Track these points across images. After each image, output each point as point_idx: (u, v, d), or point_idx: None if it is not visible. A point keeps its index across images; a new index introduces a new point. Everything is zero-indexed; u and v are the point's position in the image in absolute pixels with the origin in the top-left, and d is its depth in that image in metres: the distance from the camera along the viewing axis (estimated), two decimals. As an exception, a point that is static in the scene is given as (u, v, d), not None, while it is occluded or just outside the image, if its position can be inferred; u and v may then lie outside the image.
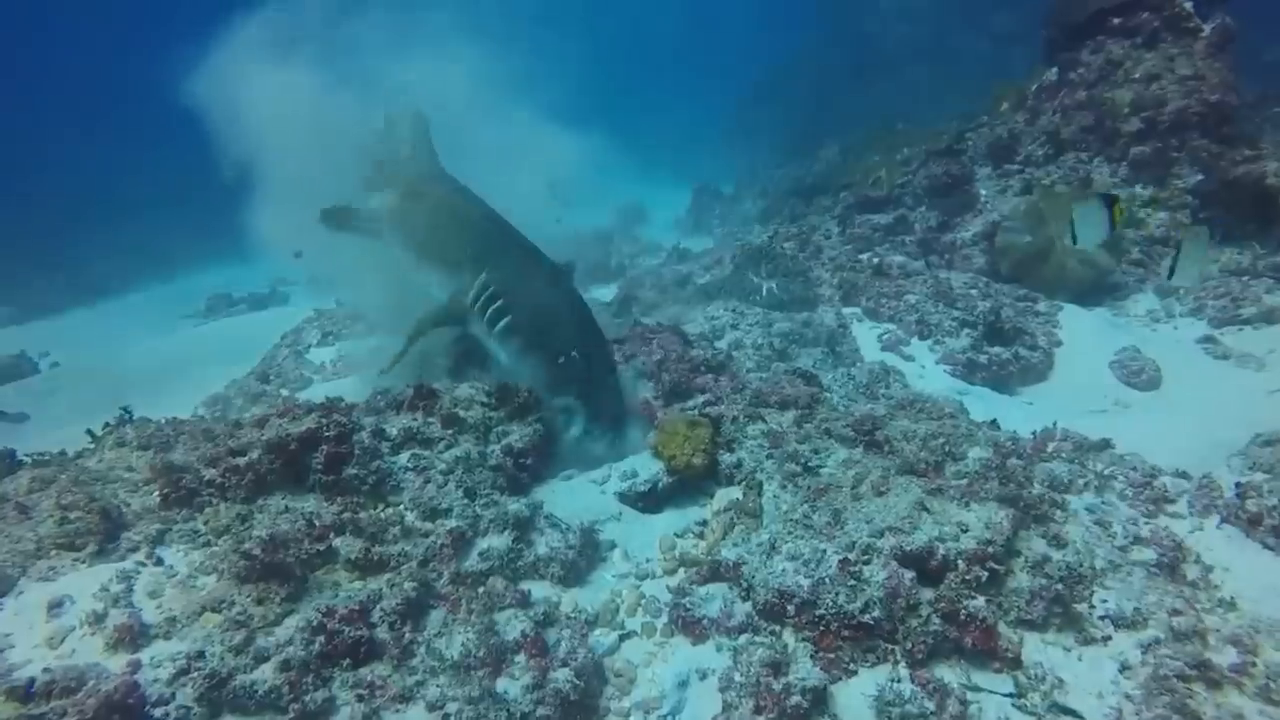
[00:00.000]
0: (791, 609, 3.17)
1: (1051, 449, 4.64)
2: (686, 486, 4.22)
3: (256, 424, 3.97)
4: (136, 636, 3.01)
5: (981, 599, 3.13)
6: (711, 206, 17.24)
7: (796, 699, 2.80)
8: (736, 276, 8.49)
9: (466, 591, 3.29)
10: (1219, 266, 7.71)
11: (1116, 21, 9.22)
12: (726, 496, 4.05)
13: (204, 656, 2.86)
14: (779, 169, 16.26)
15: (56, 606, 3.21)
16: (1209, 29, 8.77)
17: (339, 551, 3.36)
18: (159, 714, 2.69)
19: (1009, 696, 2.94)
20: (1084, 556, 3.48)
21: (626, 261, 12.75)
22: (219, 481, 3.70)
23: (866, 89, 18.59)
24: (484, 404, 4.31)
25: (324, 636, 2.91)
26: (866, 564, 3.22)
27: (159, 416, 5.23)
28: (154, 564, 3.44)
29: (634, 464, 4.36)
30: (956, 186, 9.35)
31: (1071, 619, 3.25)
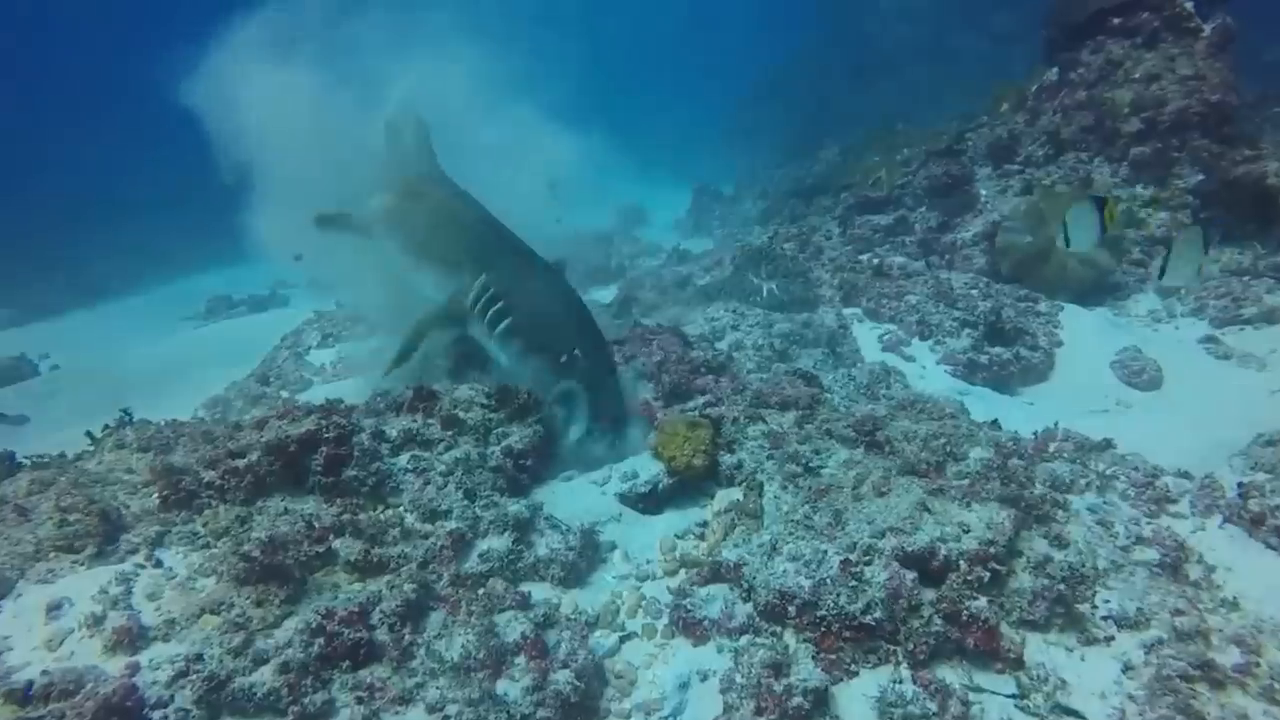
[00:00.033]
0: (793, 610, 3.16)
1: (1053, 449, 4.64)
2: (687, 488, 4.22)
3: (256, 426, 3.97)
4: (135, 639, 3.00)
5: (983, 599, 3.12)
6: (711, 207, 17.22)
7: (798, 700, 2.79)
8: (737, 277, 8.48)
9: (466, 593, 3.28)
10: (1220, 266, 7.70)
11: (1117, 21, 9.20)
12: (727, 497, 4.04)
13: (203, 659, 2.85)
14: (779, 169, 16.23)
15: (55, 609, 3.20)
16: (1209, 29, 8.75)
17: (338, 553, 3.36)
18: (157, 716, 2.68)
19: (1011, 697, 2.93)
20: (1086, 557, 3.48)
21: (626, 263, 12.73)
22: (218, 483, 3.69)
23: (866, 89, 18.59)
24: (484, 405, 4.30)
25: (323, 638, 2.90)
26: (868, 565, 3.21)
27: (159, 418, 5.23)
28: (153, 566, 3.43)
29: (634, 465, 4.35)
30: (957, 187, 9.34)
31: (1074, 619, 3.25)
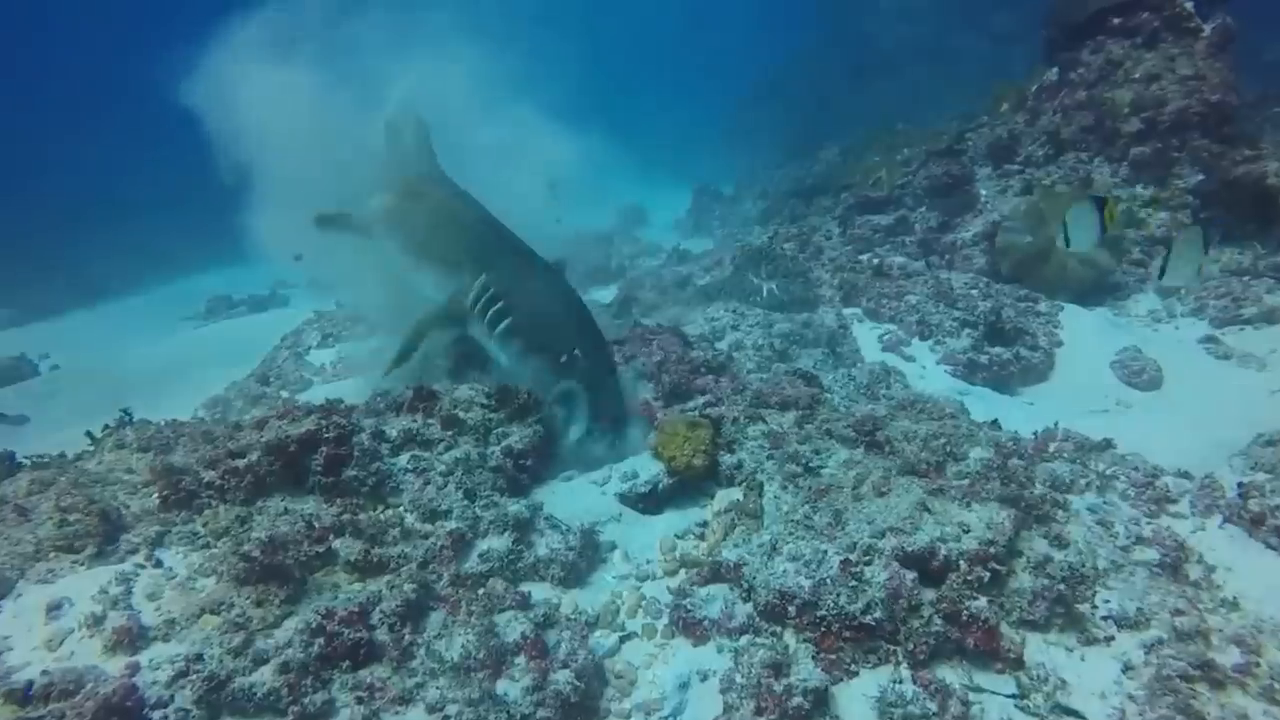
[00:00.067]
0: (793, 610, 3.16)
1: (1053, 449, 4.64)
2: (687, 488, 4.22)
3: (256, 426, 3.97)
4: (135, 639, 3.00)
5: (983, 599, 3.12)
6: (711, 208, 17.21)
7: (798, 700, 2.79)
8: (737, 277, 8.48)
9: (466, 593, 3.28)
10: (1220, 266, 7.70)
11: (1117, 21, 9.19)
12: (727, 497, 4.04)
13: (203, 659, 2.85)
14: (779, 170, 16.21)
15: (55, 609, 3.20)
16: (1209, 29, 8.75)
17: (338, 553, 3.36)
18: (157, 716, 2.68)
19: (1011, 697, 2.93)
20: (1086, 557, 3.48)
21: (626, 263, 12.72)
22: (218, 483, 3.69)
23: (866, 89, 18.57)
24: (484, 405, 4.30)
25: (323, 638, 2.90)
26: (868, 565, 3.21)
27: (159, 418, 5.23)
28: (153, 566, 3.43)
29: (634, 465, 4.35)
30: (957, 187, 9.34)
31: (1074, 619, 3.25)
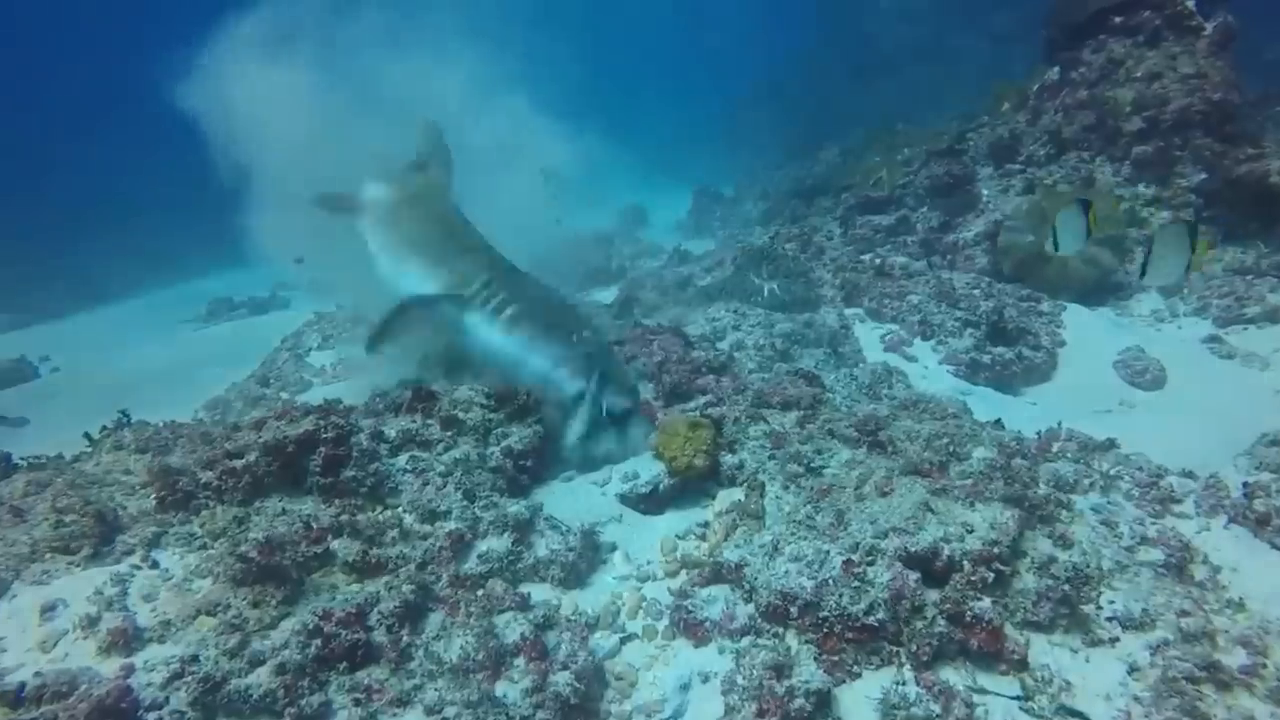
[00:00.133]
0: (795, 611, 3.14)
1: (1056, 449, 4.60)
2: (688, 488, 4.20)
3: (254, 427, 3.94)
4: (130, 640, 2.98)
5: (987, 600, 3.09)
6: (712, 209, 17.18)
7: (800, 702, 2.76)
8: (738, 278, 8.45)
9: (465, 594, 3.25)
10: (1223, 266, 7.67)
11: (1118, 20, 9.17)
12: (728, 498, 4.01)
13: (198, 660, 2.83)
14: (779, 170, 16.21)
15: (50, 610, 3.17)
16: (1211, 27, 8.72)
17: (336, 554, 3.33)
18: (152, 718, 2.66)
19: (1016, 699, 2.90)
20: (1090, 557, 3.45)
21: (627, 264, 12.69)
22: (215, 484, 3.67)
23: (866, 89, 18.58)
24: (483, 405, 4.28)
25: (320, 640, 2.87)
26: (871, 565, 3.18)
27: (158, 420, 5.21)
28: (149, 567, 3.41)
29: (635, 465, 4.33)
30: (958, 187, 9.31)
31: (1078, 620, 3.21)
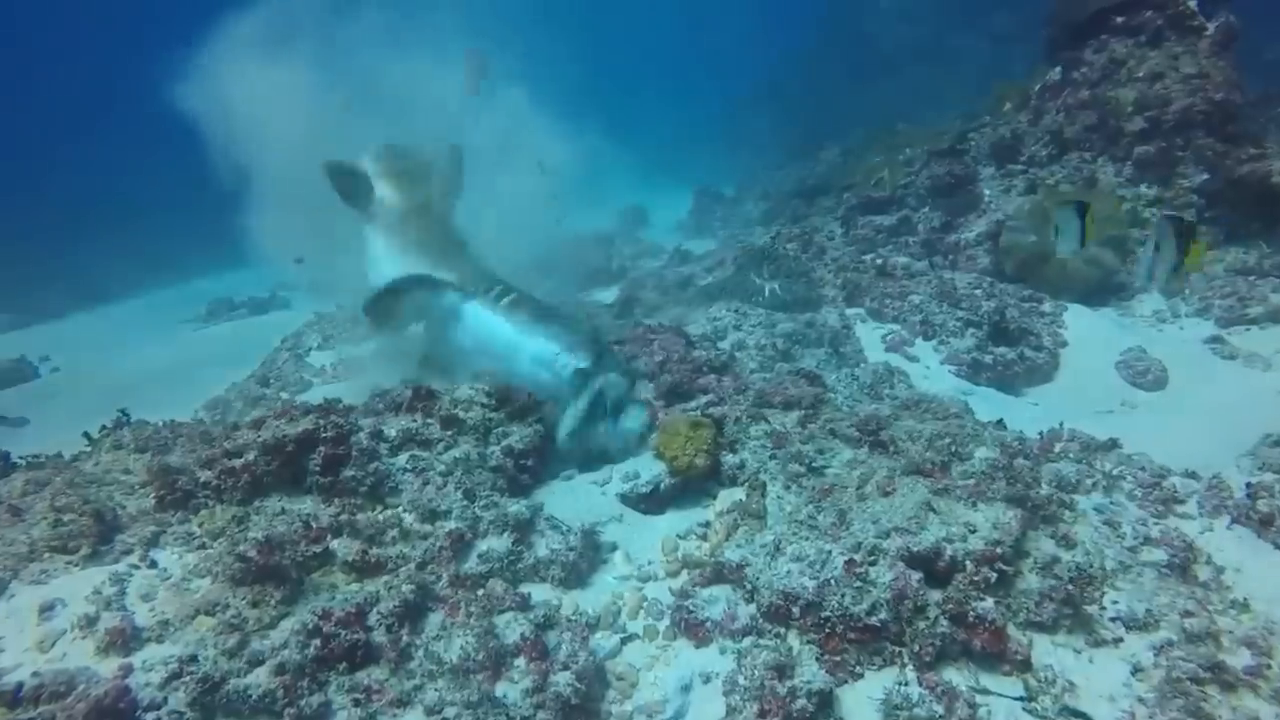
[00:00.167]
0: (796, 611, 3.12)
1: (1058, 449, 4.59)
2: (689, 488, 4.19)
3: (253, 426, 3.92)
4: (129, 640, 2.97)
5: (990, 600, 3.08)
6: (713, 209, 17.15)
7: (802, 702, 2.74)
8: (739, 277, 8.43)
9: (465, 594, 3.24)
10: (1225, 266, 7.65)
11: (1119, 20, 9.14)
12: (730, 497, 4.00)
13: (197, 660, 2.81)
14: (780, 171, 16.20)
15: (48, 609, 3.16)
16: (1213, 27, 8.70)
17: (336, 554, 3.32)
18: (150, 718, 2.64)
19: (1019, 700, 2.88)
20: (1094, 557, 3.43)
21: (628, 264, 12.66)
22: (215, 484, 3.66)
23: (866, 89, 18.56)
24: (484, 405, 4.27)
25: (320, 640, 2.86)
26: (873, 565, 3.17)
27: (158, 420, 5.19)
28: (148, 567, 3.39)
29: (636, 465, 4.32)
30: (960, 187, 9.29)
31: (1082, 621, 3.20)
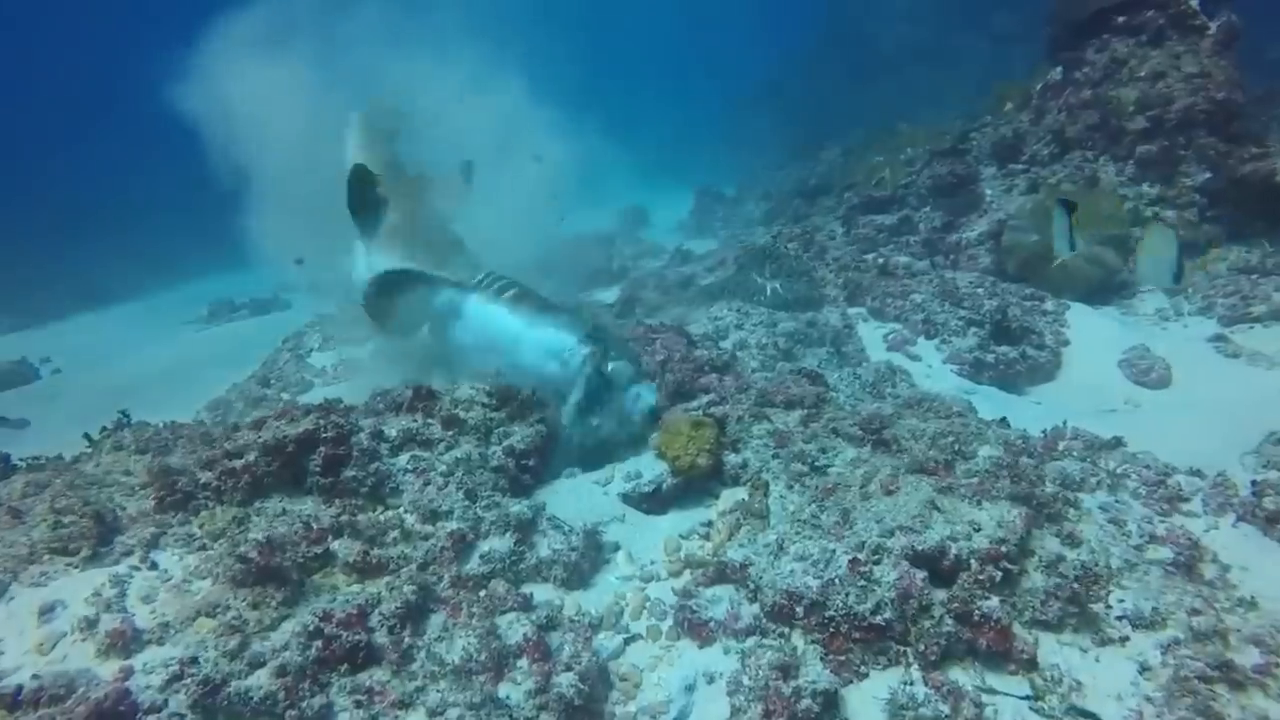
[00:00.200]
0: (800, 610, 3.10)
1: (1062, 447, 4.57)
2: (691, 487, 4.17)
3: (253, 427, 3.91)
4: (129, 642, 2.95)
5: (995, 599, 3.05)
6: (714, 209, 17.14)
7: (807, 702, 2.72)
8: (740, 277, 8.41)
9: (467, 595, 3.22)
10: (1227, 265, 7.64)
11: (1121, 19, 9.14)
12: (732, 497, 3.98)
13: (198, 662, 2.79)
14: (780, 170, 16.21)
15: (48, 611, 3.14)
16: (1215, 26, 8.70)
17: (337, 554, 3.31)
18: (151, 721, 2.63)
19: (1025, 699, 2.86)
20: (1099, 555, 3.41)
21: (629, 264, 12.66)
22: (215, 485, 3.64)
23: (867, 89, 18.58)
24: (485, 405, 4.25)
25: (321, 641, 2.84)
26: (877, 564, 3.15)
27: (159, 421, 5.18)
28: (148, 568, 3.37)
29: (638, 465, 4.30)
30: (961, 186, 9.28)
31: (1088, 619, 3.17)
